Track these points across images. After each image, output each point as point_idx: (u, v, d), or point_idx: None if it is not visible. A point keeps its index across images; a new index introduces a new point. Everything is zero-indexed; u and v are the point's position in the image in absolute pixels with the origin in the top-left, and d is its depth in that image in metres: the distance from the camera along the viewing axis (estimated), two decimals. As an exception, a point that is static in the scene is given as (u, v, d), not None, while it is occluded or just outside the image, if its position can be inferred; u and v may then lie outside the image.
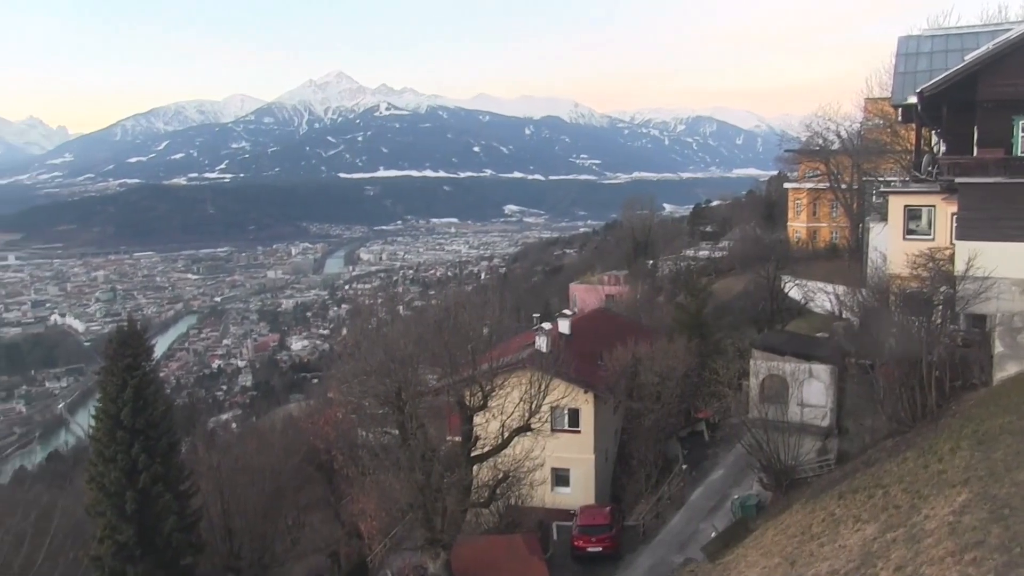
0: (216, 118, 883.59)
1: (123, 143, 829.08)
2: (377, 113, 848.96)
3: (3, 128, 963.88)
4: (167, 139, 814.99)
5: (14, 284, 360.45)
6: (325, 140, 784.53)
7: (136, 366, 33.37)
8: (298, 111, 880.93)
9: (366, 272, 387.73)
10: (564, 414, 43.71)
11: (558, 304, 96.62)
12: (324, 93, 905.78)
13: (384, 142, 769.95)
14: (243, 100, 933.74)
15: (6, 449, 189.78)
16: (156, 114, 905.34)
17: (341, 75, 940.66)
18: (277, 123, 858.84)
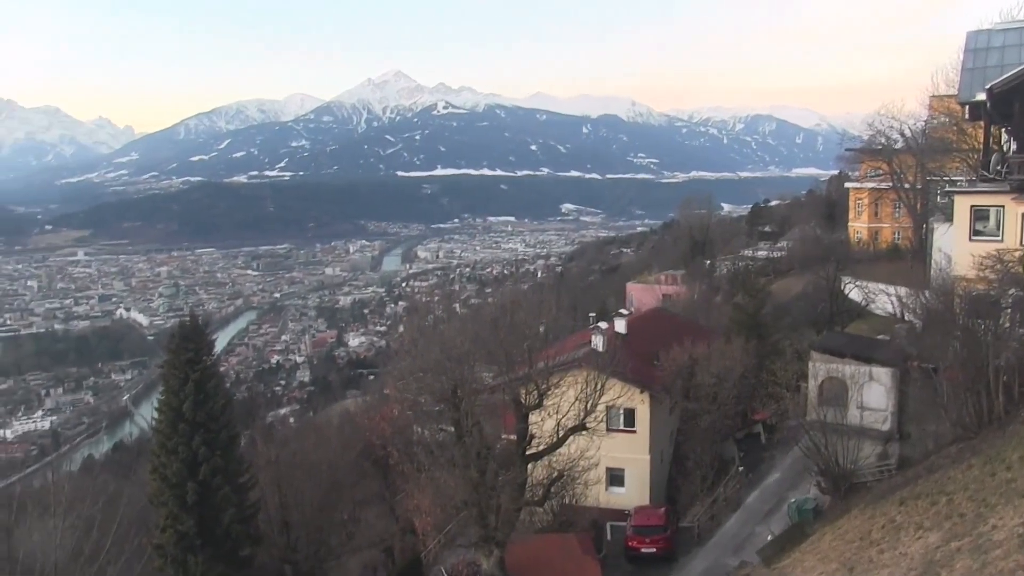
0: (276, 117, 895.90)
1: (186, 142, 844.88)
2: (435, 112, 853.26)
3: (74, 128, 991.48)
4: (229, 138, 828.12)
5: (83, 279, 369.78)
6: (383, 138, 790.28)
7: (197, 360, 33.99)
8: (357, 110, 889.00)
9: (423, 270, 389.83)
10: (620, 414, 43.45)
11: (614, 303, 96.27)
12: (383, 92, 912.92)
13: (442, 141, 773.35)
14: (303, 99, 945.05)
15: (75, 438, 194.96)
16: (218, 113, 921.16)
17: (399, 74, 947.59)
18: (336, 122, 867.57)
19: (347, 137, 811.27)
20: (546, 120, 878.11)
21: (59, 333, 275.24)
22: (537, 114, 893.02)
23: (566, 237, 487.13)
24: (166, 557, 32.65)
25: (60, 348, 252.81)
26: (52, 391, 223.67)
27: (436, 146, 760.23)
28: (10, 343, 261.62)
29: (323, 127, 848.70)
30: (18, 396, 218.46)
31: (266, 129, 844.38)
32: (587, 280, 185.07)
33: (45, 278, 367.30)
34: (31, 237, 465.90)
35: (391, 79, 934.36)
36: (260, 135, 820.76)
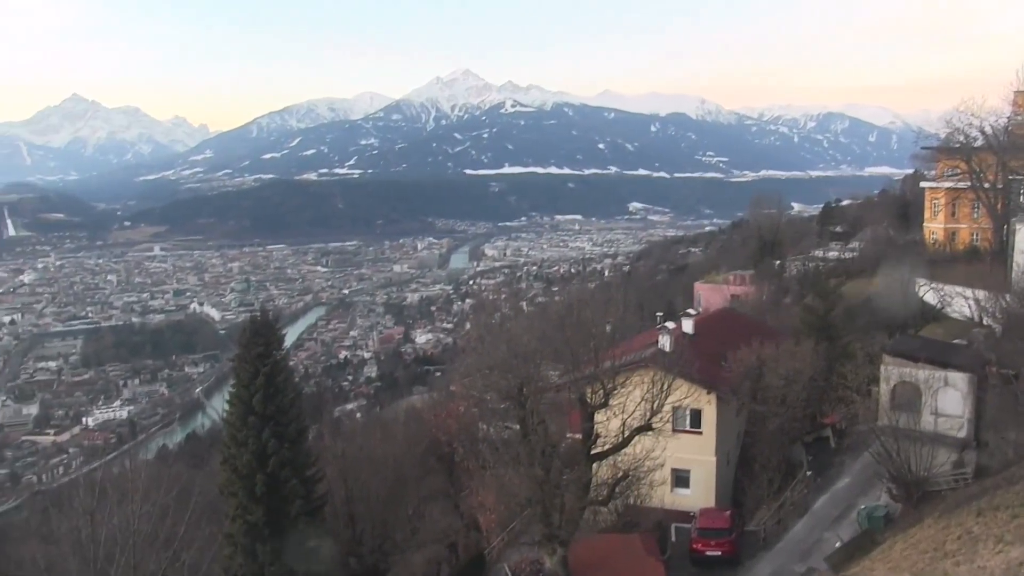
0: (346, 115, 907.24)
1: (259, 140, 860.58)
2: (503, 110, 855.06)
3: (153, 127, 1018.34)
4: (300, 136, 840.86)
5: (159, 274, 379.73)
6: (451, 137, 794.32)
7: (268, 355, 34.58)
8: (425, 108, 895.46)
9: (490, 268, 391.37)
10: (686, 414, 43.08)
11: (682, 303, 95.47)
12: (451, 90, 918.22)
13: (509, 139, 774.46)
14: (372, 98, 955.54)
15: (151, 428, 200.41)
16: (290, 112, 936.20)
17: (468, 72, 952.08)
18: (405, 120, 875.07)
19: (416, 135, 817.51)
20: (614, 118, 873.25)
21: (136, 326, 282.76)
22: (605, 112, 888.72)
23: (634, 236, 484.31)
24: (236, 546, 33.32)
25: (137, 340, 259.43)
26: (129, 382, 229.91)
27: (504, 144, 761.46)
28: (91, 335, 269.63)
29: (392, 125, 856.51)
30: (98, 386, 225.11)
31: (336, 127, 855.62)
32: (654, 279, 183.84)
33: (124, 272, 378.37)
34: (111, 233, 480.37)
35: (459, 77, 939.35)
36: (330, 133, 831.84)
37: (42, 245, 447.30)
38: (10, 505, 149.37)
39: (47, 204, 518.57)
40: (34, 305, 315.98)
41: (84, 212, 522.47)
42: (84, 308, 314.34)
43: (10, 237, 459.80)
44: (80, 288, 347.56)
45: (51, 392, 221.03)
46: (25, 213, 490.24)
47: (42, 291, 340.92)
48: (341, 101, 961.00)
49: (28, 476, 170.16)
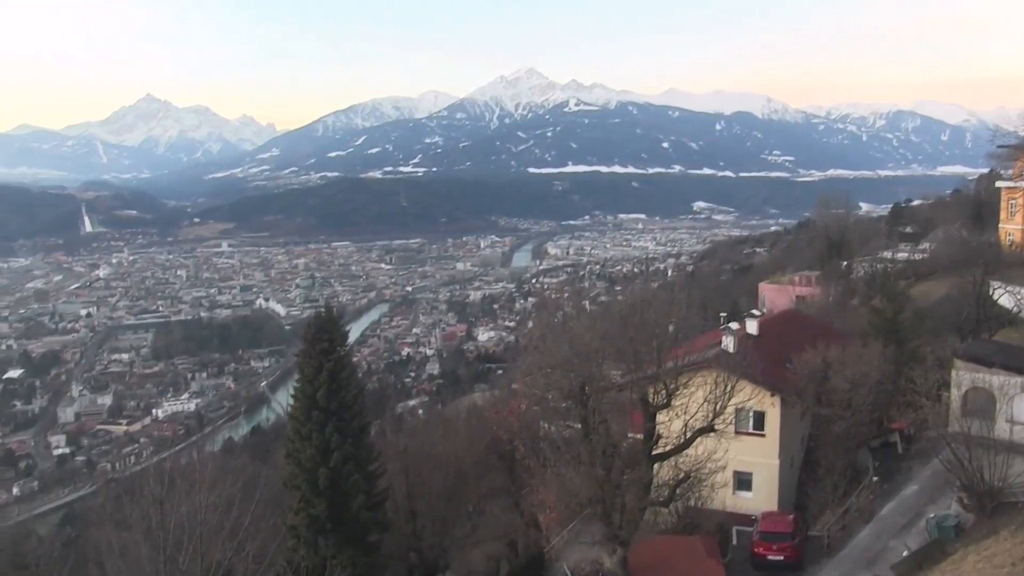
0: (411, 114, 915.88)
1: (324, 138, 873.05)
2: (567, 109, 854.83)
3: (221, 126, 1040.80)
4: (364, 134, 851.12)
5: (226, 269, 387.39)
6: (515, 135, 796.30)
7: (332, 350, 35.08)
8: (489, 107, 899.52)
9: (553, 266, 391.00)
10: (749, 416, 42.51)
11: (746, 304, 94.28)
12: (515, 89, 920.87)
13: (573, 137, 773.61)
14: (436, 96, 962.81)
15: (217, 420, 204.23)
16: (355, 111, 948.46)
17: (532, 71, 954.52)
18: (469, 119, 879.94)
19: (479, 134, 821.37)
20: (679, 117, 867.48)
21: (204, 320, 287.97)
22: (669, 111, 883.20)
23: (697, 235, 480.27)
24: (299, 538, 33.90)
25: (205, 335, 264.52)
26: (197, 375, 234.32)
27: (567, 143, 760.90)
28: (161, 329, 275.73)
29: (456, 124, 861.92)
30: (168, 379, 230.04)
31: (401, 126, 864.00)
32: (718, 279, 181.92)
33: (193, 268, 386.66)
34: (181, 229, 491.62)
35: (523, 76, 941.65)
36: (395, 132, 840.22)
37: (116, 241, 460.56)
38: (87, 491, 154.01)
39: (121, 201, 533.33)
40: (108, 299, 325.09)
41: (156, 209, 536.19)
42: (155, 302, 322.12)
43: (87, 233, 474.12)
44: (151, 283, 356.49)
45: (124, 383, 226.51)
46: (101, 210, 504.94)
47: (116, 285, 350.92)
48: (406, 100, 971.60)
49: (103, 464, 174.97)
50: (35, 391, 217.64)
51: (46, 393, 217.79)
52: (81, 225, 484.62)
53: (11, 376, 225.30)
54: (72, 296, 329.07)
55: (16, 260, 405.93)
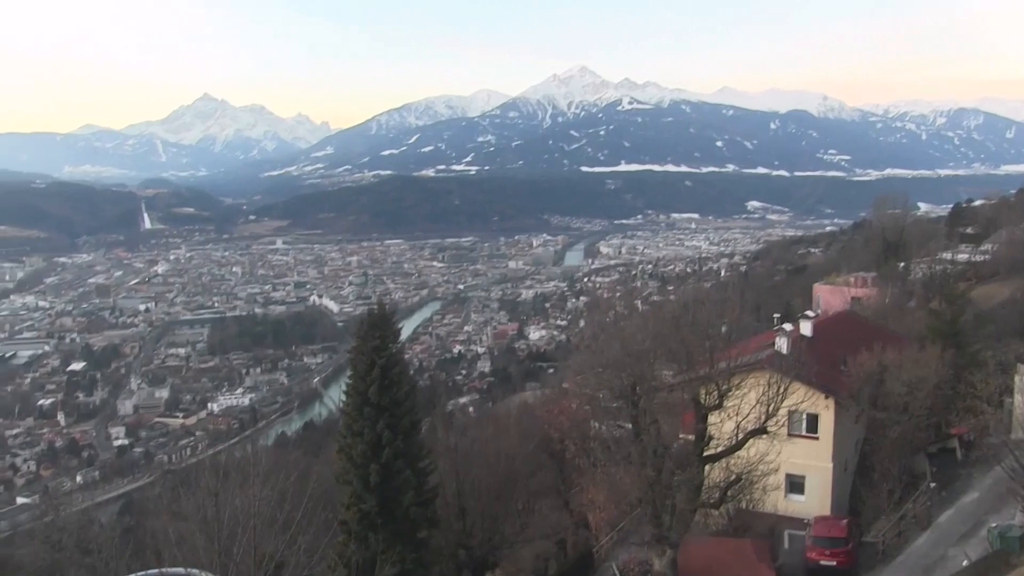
0: (463, 112, 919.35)
1: (378, 137, 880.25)
2: (619, 107, 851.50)
3: (277, 125, 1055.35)
4: (418, 133, 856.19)
5: (280, 266, 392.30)
6: (568, 134, 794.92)
7: (384, 347, 35.29)
8: (542, 105, 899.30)
9: (605, 265, 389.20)
10: (802, 419, 41.93)
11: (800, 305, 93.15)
12: (567, 88, 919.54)
13: (626, 136, 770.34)
14: (489, 95, 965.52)
15: (271, 415, 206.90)
16: (408, 109, 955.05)
17: (584, 70, 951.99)
18: (521, 117, 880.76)
19: (532, 132, 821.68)
20: (733, 115, 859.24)
21: (259, 316, 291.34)
22: (723, 109, 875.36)
23: (751, 235, 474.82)
24: (350, 533, 34.17)
25: (259, 331, 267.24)
26: (251, 370, 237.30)
27: (620, 141, 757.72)
28: (217, 324, 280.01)
29: (508, 123, 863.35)
30: (223, 373, 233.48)
31: (453, 124, 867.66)
32: (772, 280, 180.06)
33: (248, 264, 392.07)
34: (237, 226, 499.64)
35: (576, 75, 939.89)
36: (448, 130, 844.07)
37: (174, 237, 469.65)
38: (144, 481, 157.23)
39: (179, 199, 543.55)
40: (166, 294, 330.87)
41: (212, 207, 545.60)
42: (211, 298, 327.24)
43: (146, 230, 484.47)
44: (207, 279, 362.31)
45: (180, 377, 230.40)
46: (160, 207, 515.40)
47: (173, 281, 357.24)
48: (459, 98, 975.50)
49: (160, 455, 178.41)
50: (96, 383, 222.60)
51: (107, 385, 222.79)
52: (141, 222, 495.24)
53: (74, 368, 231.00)
54: (132, 291, 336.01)
55: (80, 256, 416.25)
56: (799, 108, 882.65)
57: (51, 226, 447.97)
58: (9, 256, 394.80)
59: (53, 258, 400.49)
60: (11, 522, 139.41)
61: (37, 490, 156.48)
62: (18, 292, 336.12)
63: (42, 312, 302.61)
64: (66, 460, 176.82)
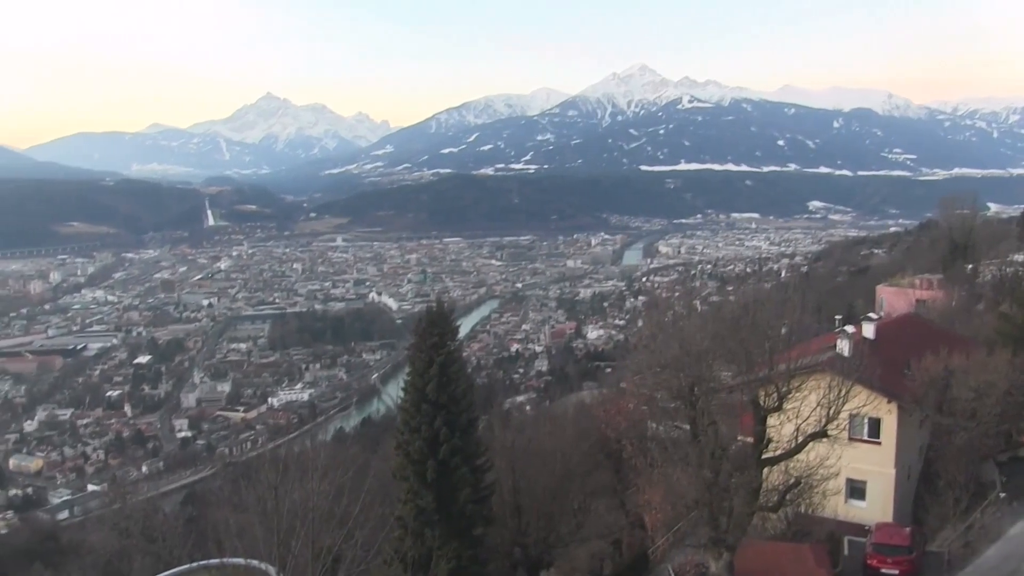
0: (523, 111, 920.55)
1: (437, 135, 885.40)
2: (679, 106, 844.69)
3: (337, 124, 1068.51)
4: (477, 131, 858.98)
5: (340, 263, 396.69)
6: (627, 133, 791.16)
7: (442, 345, 35.50)
8: (601, 104, 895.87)
9: (664, 265, 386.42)
10: (864, 423, 41.20)
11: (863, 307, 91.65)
12: (627, 86, 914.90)
13: (686, 135, 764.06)
14: (548, 94, 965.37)
15: (329, 410, 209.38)
16: (467, 108, 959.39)
17: (644, 68, 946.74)
18: (581, 116, 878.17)
19: (591, 131, 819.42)
20: (795, 114, 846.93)
21: (319, 313, 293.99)
22: (785, 108, 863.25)
23: (813, 236, 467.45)
24: (406, 528, 34.44)
25: (319, 327, 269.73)
26: (311, 366, 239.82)
27: (680, 140, 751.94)
28: (278, 320, 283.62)
29: (568, 121, 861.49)
30: (283, 369, 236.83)
31: (512, 123, 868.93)
32: (834, 281, 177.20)
33: (308, 261, 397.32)
34: (298, 223, 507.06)
35: (636, 73, 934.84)
36: (507, 129, 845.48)
37: (236, 234, 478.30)
38: (206, 473, 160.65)
39: (242, 196, 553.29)
40: (228, 290, 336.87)
41: (274, 204, 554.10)
42: (272, 294, 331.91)
43: (210, 226, 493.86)
44: (269, 275, 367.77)
45: (241, 372, 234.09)
46: (223, 204, 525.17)
47: (236, 277, 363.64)
48: (518, 97, 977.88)
49: (221, 448, 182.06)
50: (161, 376, 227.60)
51: (171, 378, 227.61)
52: (204, 219, 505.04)
53: (140, 361, 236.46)
54: (195, 287, 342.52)
55: (146, 251, 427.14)
56: (863, 106, 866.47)
57: (120, 222, 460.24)
58: (81, 251, 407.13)
59: (121, 253, 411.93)
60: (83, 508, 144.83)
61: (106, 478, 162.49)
62: (89, 286, 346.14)
63: (111, 306, 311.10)
64: (132, 450, 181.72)
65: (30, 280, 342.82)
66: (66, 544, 74.41)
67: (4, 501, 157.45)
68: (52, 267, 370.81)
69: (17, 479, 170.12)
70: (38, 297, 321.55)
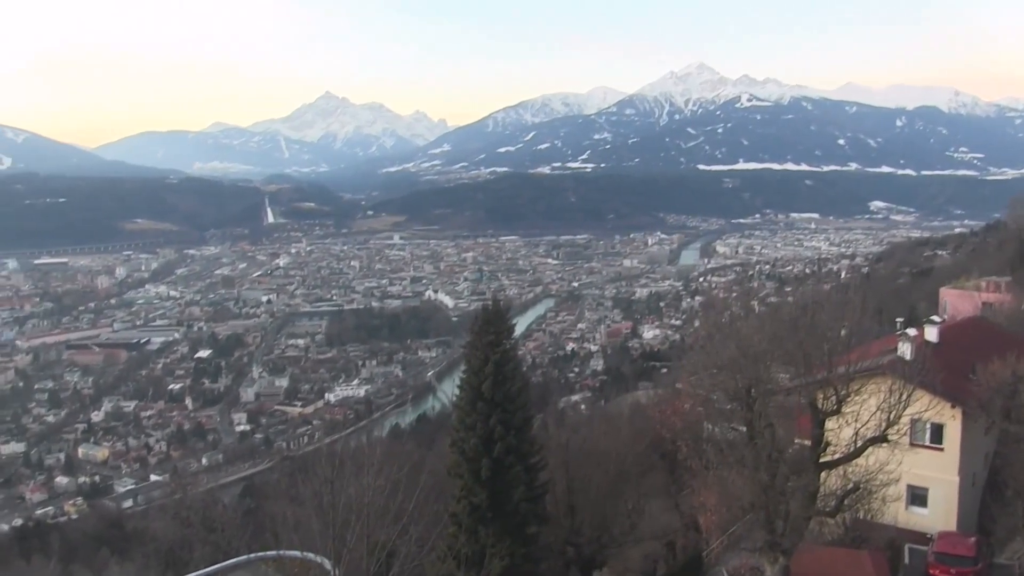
0: (580, 110, 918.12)
1: (494, 134, 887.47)
2: (738, 104, 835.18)
3: (395, 122, 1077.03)
4: (534, 130, 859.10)
5: (397, 261, 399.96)
6: (685, 131, 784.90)
7: (498, 343, 35.54)
8: (659, 103, 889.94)
9: (721, 265, 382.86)
10: (926, 428, 40.22)
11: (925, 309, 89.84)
12: (685, 85, 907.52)
13: (744, 134, 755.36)
14: (605, 92, 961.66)
15: (385, 407, 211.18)
16: (524, 107, 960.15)
17: (702, 66, 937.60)
18: (638, 114, 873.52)
19: (648, 130, 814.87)
20: (856, 112, 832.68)
21: (375, 310, 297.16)
22: (846, 106, 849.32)
23: (874, 236, 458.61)
24: (460, 525, 34.54)
25: (376, 324, 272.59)
26: (367, 362, 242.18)
27: (738, 139, 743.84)
28: (335, 316, 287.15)
29: (625, 120, 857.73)
30: (340, 365, 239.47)
31: (569, 122, 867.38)
32: (895, 283, 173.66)
33: (366, 259, 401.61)
34: (355, 221, 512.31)
35: (693, 72, 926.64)
36: (564, 128, 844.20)
37: (295, 232, 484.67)
38: (264, 467, 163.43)
39: (300, 194, 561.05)
40: (287, 287, 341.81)
41: (332, 202, 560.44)
42: (329, 291, 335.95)
43: (269, 224, 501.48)
44: (326, 272, 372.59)
45: (299, 367, 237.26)
46: (282, 202, 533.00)
47: (294, 274, 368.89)
48: (575, 96, 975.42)
49: (279, 442, 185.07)
50: (221, 370, 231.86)
51: (230, 373, 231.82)
52: (264, 216, 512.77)
53: (201, 356, 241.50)
54: (255, 283, 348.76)
55: (207, 248, 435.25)
56: (928, 104, 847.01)
57: (182, 219, 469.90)
58: (145, 247, 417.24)
59: (183, 250, 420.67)
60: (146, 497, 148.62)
61: (167, 469, 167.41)
62: (152, 282, 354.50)
63: (173, 301, 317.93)
64: (193, 442, 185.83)
65: (97, 275, 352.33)
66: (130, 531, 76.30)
67: (74, 488, 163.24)
68: (118, 263, 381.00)
69: (85, 467, 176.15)
70: (104, 292, 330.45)
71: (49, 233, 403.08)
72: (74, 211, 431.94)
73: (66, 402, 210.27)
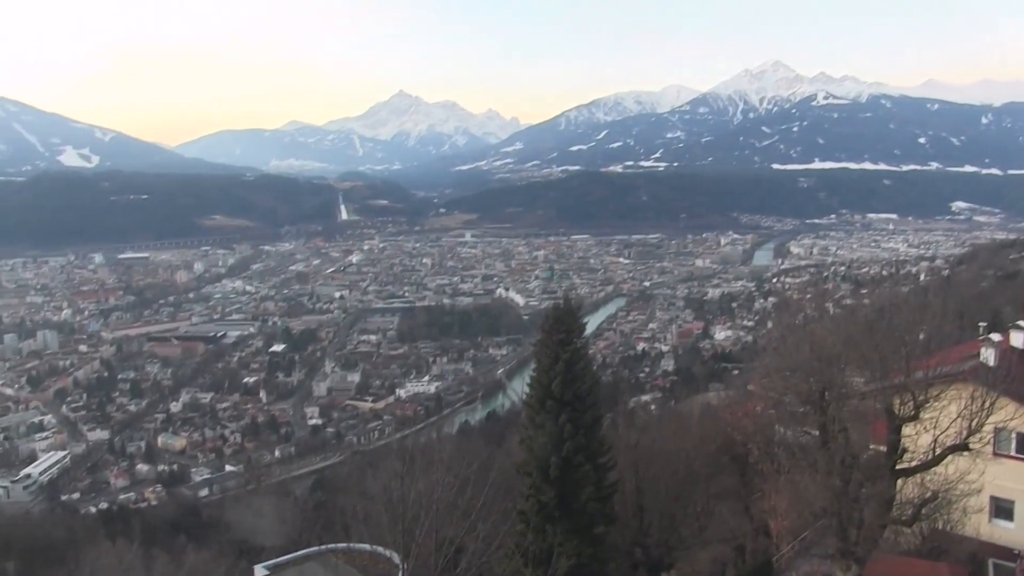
0: (652, 108, 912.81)
1: (566, 132, 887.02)
2: (814, 102, 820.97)
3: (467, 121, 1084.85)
4: (606, 129, 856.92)
5: (469, 259, 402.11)
6: (759, 130, 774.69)
7: (568, 342, 35.41)
8: (733, 101, 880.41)
9: (795, 266, 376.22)
10: (1011, 438, 38.80)
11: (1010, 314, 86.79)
12: (760, 82, 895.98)
13: (820, 132, 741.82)
14: (679, 91, 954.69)
15: (455, 403, 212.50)
16: (597, 105, 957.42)
17: (778, 64, 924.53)
18: (711, 113, 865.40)
19: (722, 129, 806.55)
20: (938, 110, 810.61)
21: (447, 307, 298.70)
22: (927, 103, 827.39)
23: (955, 238, 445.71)
24: (527, 523, 34.52)
25: (447, 321, 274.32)
26: (438, 359, 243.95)
27: (814, 138, 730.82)
28: (406, 313, 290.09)
29: (698, 118, 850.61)
30: (411, 361, 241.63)
31: (642, 120, 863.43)
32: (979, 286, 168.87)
33: (438, 256, 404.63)
34: (428, 219, 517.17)
35: (769, 69, 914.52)
36: (636, 126, 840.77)
37: (368, 228, 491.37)
38: (335, 460, 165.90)
39: (374, 191, 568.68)
40: (360, 283, 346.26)
41: (405, 199, 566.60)
42: (402, 288, 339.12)
43: (343, 221, 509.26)
44: (399, 269, 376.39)
45: (371, 363, 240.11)
46: (356, 199, 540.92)
47: (367, 270, 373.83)
48: (648, 94, 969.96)
49: (350, 437, 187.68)
50: (295, 365, 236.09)
51: (304, 367, 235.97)
52: (338, 213, 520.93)
53: (275, 350, 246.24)
54: (328, 279, 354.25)
55: (282, 244, 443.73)
56: (1016, 101, 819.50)
57: (258, 216, 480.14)
58: (222, 243, 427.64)
59: (259, 246, 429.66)
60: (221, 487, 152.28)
61: (242, 460, 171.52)
62: (229, 277, 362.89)
63: (248, 296, 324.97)
64: (266, 435, 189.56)
65: (177, 270, 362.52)
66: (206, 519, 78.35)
67: (154, 475, 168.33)
68: (196, 258, 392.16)
69: (164, 456, 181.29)
70: (183, 286, 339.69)
71: (132, 228, 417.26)
72: (155, 207, 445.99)
73: (147, 392, 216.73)
